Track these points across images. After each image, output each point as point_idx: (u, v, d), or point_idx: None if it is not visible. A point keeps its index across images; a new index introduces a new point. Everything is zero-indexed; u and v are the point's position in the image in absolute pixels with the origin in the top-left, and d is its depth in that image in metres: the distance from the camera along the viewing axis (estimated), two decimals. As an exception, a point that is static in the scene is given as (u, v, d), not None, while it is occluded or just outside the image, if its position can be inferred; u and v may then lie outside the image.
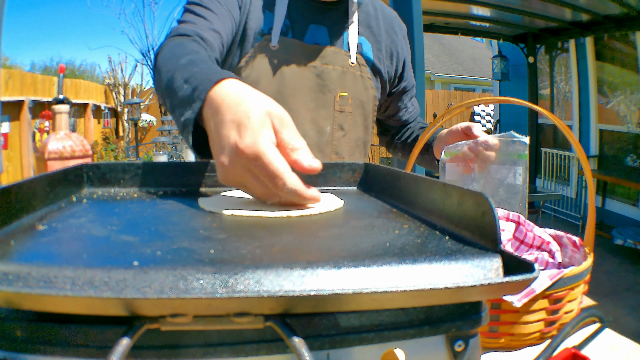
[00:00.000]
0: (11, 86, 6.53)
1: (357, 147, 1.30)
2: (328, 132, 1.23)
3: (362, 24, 1.29)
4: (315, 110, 1.22)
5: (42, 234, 0.53)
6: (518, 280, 0.40)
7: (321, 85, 1.21)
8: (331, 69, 1.22)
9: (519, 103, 0.99)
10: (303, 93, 1.20)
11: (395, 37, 1.36)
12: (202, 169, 0.86)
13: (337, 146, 1.25)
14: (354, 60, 1.25)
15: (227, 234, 0.55)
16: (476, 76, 16.21)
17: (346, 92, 1.24)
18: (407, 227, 0.59)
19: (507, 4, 5.75)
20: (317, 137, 1.23)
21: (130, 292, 0.38)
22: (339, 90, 1.23)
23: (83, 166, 0.81)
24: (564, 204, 6.71)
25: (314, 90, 1.21)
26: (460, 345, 0.47)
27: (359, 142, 1.31)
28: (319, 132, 1.22)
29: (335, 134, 1.24)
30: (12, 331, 0.41)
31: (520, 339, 0.84)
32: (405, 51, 1.41)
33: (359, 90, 1.26)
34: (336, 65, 1.23)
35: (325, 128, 1.23)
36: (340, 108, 1.23)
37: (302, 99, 1.20)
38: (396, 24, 1.39)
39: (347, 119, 1.25)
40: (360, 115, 1.28)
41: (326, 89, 1.22)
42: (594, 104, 6.53)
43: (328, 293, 0.35)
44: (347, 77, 1.24)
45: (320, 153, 1.23)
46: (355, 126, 1.28)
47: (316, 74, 1.21)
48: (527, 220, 1.06)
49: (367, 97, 1.28)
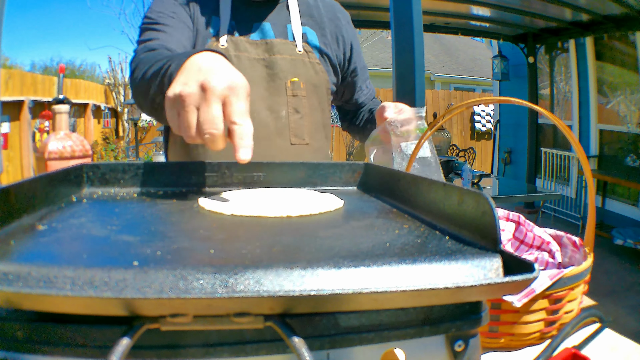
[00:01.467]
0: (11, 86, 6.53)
1: (317, 130, 1.39)
2: (284, 116, 1.32)
3: (305, 14, 1.39)
4: (270, 98, 1.31)
5: (42, 234, 0.53)
6: (518, 280, 0.40)
7: (272, 74, 1.30)
8: (279, 59, 1.30)
9: (519, 103, 0.99)
10: (255, 84, 1.27)
11: (338, 22, 1.45)
12: (202, 169, 0.86)
13: (296, 129, 1.33)
14: (301, 49, 1.34)
15: (227, 234, 0.55)
16: (476, 76, 16.19)
17: (297, 77, 1.33)
18: (407, 227, 0.59)
19: (507, 4, 5.74)
20: (274, 122, 1.31)
21: (130, 292, 0.38)
22: (289, 77, 1.32)
23: (83, 166, 0.81)
24: (564, 204, 6.70)
25: (265, 80, 1.30)
26: (460, 345, 0.47)
27: (318, 125, 1.39)
28: (275, 118, 1.31)
29: (292, 117, 1.32)
30: (12, 331, 0.41)
31: (520, 339, 0.84)
32: (350, 35, 1.48)
33: (310, 75, 1.35)
34: (284, 54, 1.32)
35: (281, 112, 1.31)
36: (293, 93, 1.32)
37: (255, 89, 1.27)
38: (338, 10, 1.49)
39: (302, 102, 1.34)
40: (316, 99, 1.37)
41: (276, 77, 1.30)
42: (594, 104, 6.52)
43: (328, 293, 0.35)
44: (297, 64, 1.33)
45: (280, 136, 1.31)
46: (312, 109, 1.36)
47: (265, 65, 1.30)
48: (527, 220, 1.06)
49: (318, 80, 1.37)
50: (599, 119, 6.58)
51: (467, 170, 4.11)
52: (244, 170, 0.88)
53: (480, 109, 11.94)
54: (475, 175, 4.27)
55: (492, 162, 8.85)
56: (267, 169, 0.89)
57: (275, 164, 0.89)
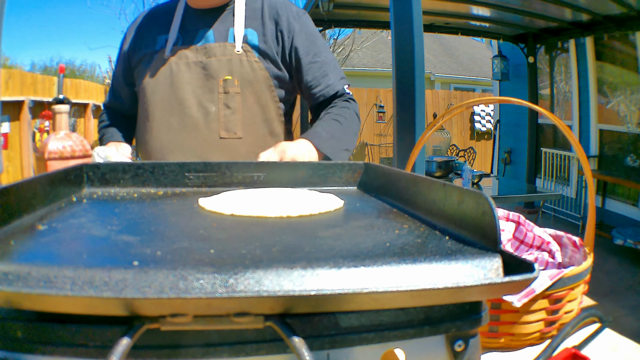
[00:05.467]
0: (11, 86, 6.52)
1: (254, 124, 1.49)
2: (213, 112, 1.45)
3: (250, 17, 1.51)
4: (202, 95, 1.45)
5: (42, 234, 0.53)
6: (518, 280, 0.40)
7: (206, 75, 1.45)
8: (215, 60, 1.45)
9: (519, 103, 0.99)
10: (191, 83, 1.45)
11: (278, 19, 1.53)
12: (202, 169, 0.86)
13: (226, 123, 1.46)
14: (240, 49, 1.46)
15: (227, 234, 0.55)
16: (476, 76, 16.17)
17: (231, 75, 1.45)
18: (407, 227, 0.59)
19: (507, 4, 5.73)
20: (203, 117, 1.45)
21: (130, 292, 0.38)
22: (222, 76, 1.45)
23: (83, 166, 0.81)
24: (564, 204, 6.69)
25: (200, 79, 1.45)
26: (460, 345, 0.47)
27: (256, 119, 1.49)
28: (204, 113, 1.45)
29: (222, 112, 1.46)
30: (12, 331, 0.41)
31: (520, 339, 0.84)
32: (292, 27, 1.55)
33: (245, 72, 1.46)
34: (219, 56, 1.46)
35: (211, 108, 1.45)
36: (225, 90, 1.45)
37: (190, 88, 1.45)
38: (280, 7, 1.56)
39: (235, 98, 1.46)
40: (252, 95, 1.47)
41: (210, 76, 1.45)
42: (594, 104, 6.51)
43: (328, 293, 0.35)
44: (232, 64, 1.45)
45: (208, 131, 1.45)
46: (247, 104, 1.47)
47: (202, 67, 1.45)
48: (527, 220, 1.06)
49: (255, 77, 1.47)
50: (599, 119, 6.57)
51: (467, 170, 4.11)
52: (243, 170, 0.88)
53: (480, 109, 11.94)
54: (475, 175, 4.27)
55: (492, 162, 8.84)
56: (267, 169, 0.89)
57: (275, 164, 0.89)
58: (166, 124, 1.47)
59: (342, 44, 12.97)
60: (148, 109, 1.49)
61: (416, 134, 3.25)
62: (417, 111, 3.28)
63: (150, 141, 1.50)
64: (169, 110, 1.46)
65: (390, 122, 10.87)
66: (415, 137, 3.22)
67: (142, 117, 1.53)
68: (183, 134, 1.46)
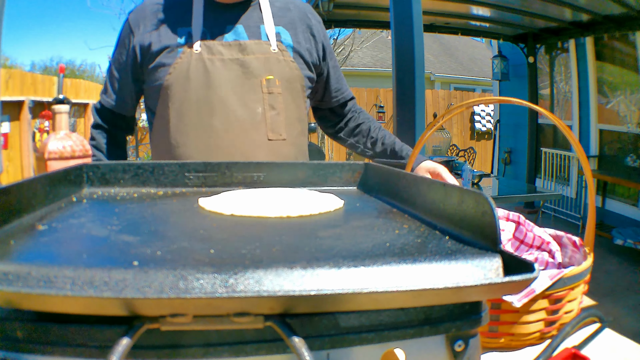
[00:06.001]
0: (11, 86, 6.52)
1: (293, 125, 1.44)
2: (260, 113, 1.37)
3: (277, 15, 1.45)
4: (245, 95, 1.37)
5: (42, 233, 0.53)
6: (518, 280, 0.40)
7: (246, 73, 1.36)
8: (253, 58, 1.37)
9: (520, 103, 0.99)
10: (231, 82, 1.35)
11: (309, 22, 1.51)
12: (202, 169, 0.86)
13: (272, 124, 1.39)
14: (276, 48, 1.40)
15: (227, 234, 0.55)
16: (476, 76, 16.18)
17: (272, 75, 1.38)
18: (407, 227, 0.59)
19: (507, 4, 5.74)
20: (250, 118, 1.37)
21: (130, 292, 0.38)
22: (264, 75, 1.37)
23: (83, 166, 0.81)
24: (564, 204, 6.69)
25: (240, 78, 1.36)
26: (460, 345, 0.47)
27: (293, 120, 1.44)
28: (251, 114, 1.36)
29: (268, 114, 1.38)
30: (12, 331, 0.41)
31: (520, 339, 0.84)
32: (322, 35, 1.54)
33: (284, 72, 1.40)
34: (257, 54, 1.38)
35: (257, 109, 1.37)
36: (268, 90, 1.38)
37: (231, 87, 1.35)
38: (308, 11, 1.54)
39: (278, 99, 1.39)
40: (290, 95, 1.42)
41: (251, 75, 1.36)
42: (594, 104, 6.51)
43: (328, 293, 0.35)
44: (271, 63, 1.38)
45: (256, 132, 1.37)
46: (288, 105, 1.42)
47: (240, 64, 1.36)
48: (527, 220, 1.06)
49: (292, 76, 1.42)
50: (599, 119, 6.57)
51: (467, 170, 4.11)
52: (243, 170, 0.88)
53: (480, 108, 11.94)
54: (475, 175, 4.27)
55: (492, 162, 8.84)
56: (267, 169, 0.89)
57: (275, 164, 0.89)
58: (206, 125, 1.35)
59: (342, 44, 12.98)
60: (180, 109, 1.36)
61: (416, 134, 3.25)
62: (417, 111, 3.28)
63: (186, 143, 1.36)
64: (208, 111, 1.35)
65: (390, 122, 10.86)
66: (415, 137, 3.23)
67: (165, 117, 1.38)
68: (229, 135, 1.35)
